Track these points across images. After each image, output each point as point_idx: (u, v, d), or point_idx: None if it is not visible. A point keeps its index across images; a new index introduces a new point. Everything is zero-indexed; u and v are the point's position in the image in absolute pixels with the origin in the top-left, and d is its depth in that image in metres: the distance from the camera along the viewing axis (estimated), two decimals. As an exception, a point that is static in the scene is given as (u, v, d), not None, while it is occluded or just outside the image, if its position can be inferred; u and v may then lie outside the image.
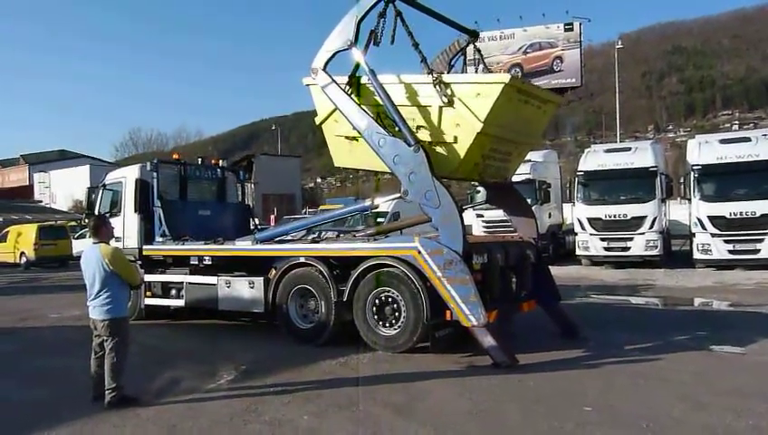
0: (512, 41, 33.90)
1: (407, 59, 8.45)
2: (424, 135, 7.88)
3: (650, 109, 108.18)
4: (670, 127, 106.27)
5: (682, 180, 18.46)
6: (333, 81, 8.21)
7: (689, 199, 17.98)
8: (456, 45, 9.33)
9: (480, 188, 13.19)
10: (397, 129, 7.72)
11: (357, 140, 8.41)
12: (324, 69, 8.25)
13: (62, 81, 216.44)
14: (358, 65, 8.19)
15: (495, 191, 9.88)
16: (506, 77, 7.63)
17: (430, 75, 7.73)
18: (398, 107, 7.80)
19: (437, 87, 7.62)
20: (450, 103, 7.63)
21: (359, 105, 8.08)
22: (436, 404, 5.85)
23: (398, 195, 8.03)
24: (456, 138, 7.75)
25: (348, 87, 8.30)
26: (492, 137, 7.93)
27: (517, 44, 33.87)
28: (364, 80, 8.27)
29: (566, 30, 33.20)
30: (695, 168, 17.47)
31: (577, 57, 33.06)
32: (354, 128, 8.10)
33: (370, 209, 9.15)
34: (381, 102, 7.91)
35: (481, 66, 9.69)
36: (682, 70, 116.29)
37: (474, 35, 9.38)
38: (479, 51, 9.42)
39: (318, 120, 8.99)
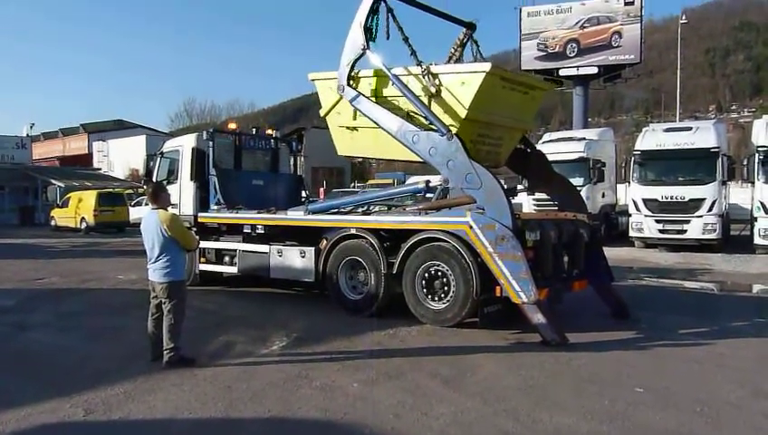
0: (569, 15, 32.79)
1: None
2: (418, 123, 8.13)
3: (713, 87, 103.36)
4: (733, 107, 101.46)
5: (745, 162, 17.73)
6: (360, 93, 8.53)
7: (752, 182, 17.28)
8: (458, 41, 9.53)
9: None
10: (428, 122, 7.95)
11: (357, 130, 8.95)
12: (348, 84, 8.58)
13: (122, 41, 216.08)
14: (356, 61, 8.55)
15: (535, 178, 9.93)
16: (487, 66, 7.87)
17: (419, 66, 8.06)
18: (395, 97, 8.27)
19: (426, 77, 7.96)
20: (439, 92, 7.94)
21: (387, 109, 8.31)
22: (485, 378, 5.87)
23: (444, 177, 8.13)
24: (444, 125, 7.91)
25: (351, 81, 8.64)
26: (478, 123, 8.19)
27: (574, 18, 32.76)
28: (362, 74, 8.64)
29: (626, 4, 31.80)
30: (760, 149, 16.74)
31: (637, 32, 31.73)
32: (388, 132, 8.27)
33: (425, 193, 9.19)
34: (394, 96, 8.31)
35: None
36: (750, 47, 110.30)
37: (470, 27, 9.50)
38: (476, 42, 9.52)
39: (322, 112, 9.37)
